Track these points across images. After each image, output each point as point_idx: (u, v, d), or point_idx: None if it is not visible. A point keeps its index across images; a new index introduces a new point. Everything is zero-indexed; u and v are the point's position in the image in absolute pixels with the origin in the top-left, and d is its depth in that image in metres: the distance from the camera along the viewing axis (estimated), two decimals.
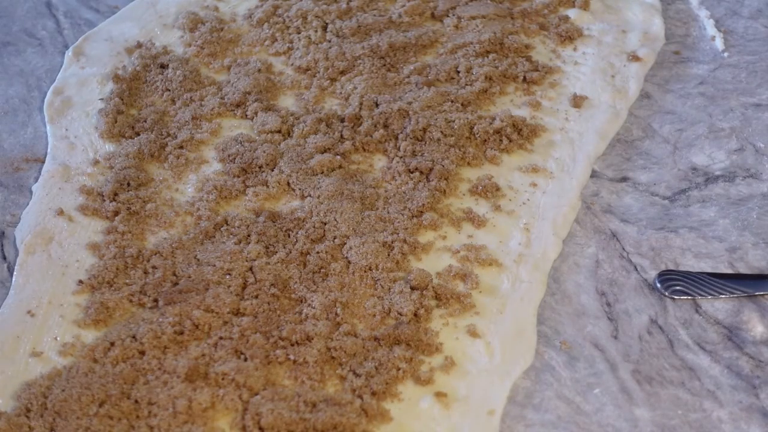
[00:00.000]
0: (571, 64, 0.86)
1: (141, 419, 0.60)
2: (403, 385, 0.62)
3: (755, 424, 0.61)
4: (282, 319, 0.65)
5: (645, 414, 0.62)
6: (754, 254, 0.71)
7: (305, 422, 0.59)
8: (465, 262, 0.70)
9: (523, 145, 0.78)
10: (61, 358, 0.64)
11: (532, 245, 0.71)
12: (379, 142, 0.78)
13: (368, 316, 0.66)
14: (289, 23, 0.89)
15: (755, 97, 0.84)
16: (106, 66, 0.87)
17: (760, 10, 0.93)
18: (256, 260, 0.69)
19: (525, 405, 0.62)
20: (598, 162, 0.78)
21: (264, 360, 0.63)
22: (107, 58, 0.88)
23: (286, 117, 0.80)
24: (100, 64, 0.87)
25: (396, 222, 0.72)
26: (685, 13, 0.92)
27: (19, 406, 0.61)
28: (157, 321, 0.65)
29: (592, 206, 0.75)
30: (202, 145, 0.79)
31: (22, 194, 0.76)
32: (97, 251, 0.70)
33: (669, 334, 0.66)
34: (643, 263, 0.71)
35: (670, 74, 0.86)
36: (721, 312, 0.68)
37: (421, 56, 0.87)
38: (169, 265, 0.69)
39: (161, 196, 0.75)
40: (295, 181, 0.75)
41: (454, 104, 0.81)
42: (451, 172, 0.76)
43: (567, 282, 0.70)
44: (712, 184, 0.77)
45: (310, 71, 0.85)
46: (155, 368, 0.62)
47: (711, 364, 0.65)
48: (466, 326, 0.66)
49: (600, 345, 0.66)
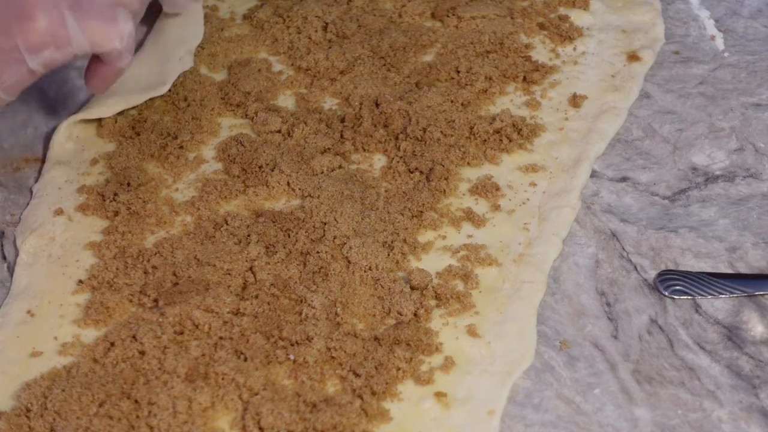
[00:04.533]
0: (571, 64, 0.86)
1: (141, 419, 0.60)
2: (403, 385, 0.62)
3: (755, 424, 0.61)
4: (282, 319, 0.65)
5: (645, 414, 0.62)
6: (754, 254, 0.71)
7: (305, 422, 0.59)
8: (465, 262, 0.70)
9: (523, 145, 0.78)
10: (61, 358, 0.64)
11: (531, 245, 0.71)
12: (379, 142, 0.78)
13: (368, 316, 0.66)
14: (289, 23, 0.89)
15: (755, 97, 0.84)
16: None
17: (760, 10, 0.93)
18: (256, 260, 0.69)
19: (525, 405, 0.62)
20: (598, 162, 0.78)
21: (264, 360, 0.63)
22: None
23: (287, 117, 0.80)
24: None
25: (396, 222, 0.72)
26: (685, 13, 0.92)
27: (19, 406, 0.61)
28: (157, 321, 0.65)
29: (592, 206, 0.75)
30: (202, 145, 0.79)
31: (22, 194, 0.76)
32: (97, 251, 0.71)
33: (669, 334, 0.66)
34: (643, 263, 0.71)
35: (670, 74, 0.86)
36: (721, 312, 0.68)
37: (421, 56, 0.87)
38: (169, 265, 0.69)
39: (161, 196, 0.75)
40: (295, 181, 0.75)
41: (454, 104, 0.81)
42: (451, 172, 0.76)
43: (567, 282, 0.70)
44: (712, 184, 0.77)
45: (310, 71, 0.85)
46: (155, 368, 0.62)
47: (711, 364, 0.65)
48: (466, 326, 0.66)
49: (600, 345, 0.66)
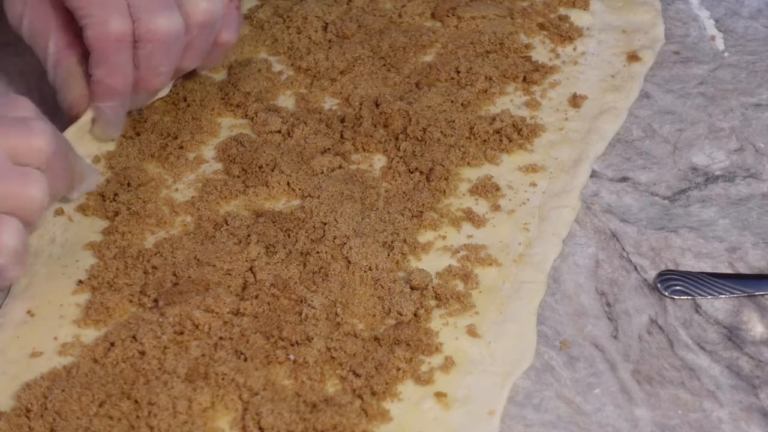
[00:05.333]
0: (570, 64, 0.86)
1: (141, 419, 0.60)
2: (403, 385, 0.62)
3: (755, 424, 0.61)
4: (282, 320, 0.65)
5: (645, 414, 0.62)
6: (754, 254, 0.71)
7: (305, 422, 0.59)
8: (465, 262, 0.70)
9: (523, 145, 0.78)
10: (61, 358, 0.64)
11: (531, 245, 0.71)
12: (379, 142, 0.78)
13: (368, 316, 0.66)
14: (289, 23, 0.89)
15: (755, 97, 0.84)
16: None
17: (760, 10, 0.93)
18: (256, 260, 0.69)
19: (525, 405, 0.62)
20: (598, 162, 0.78)
21: (264, 360, 0.63)
22: None
23: (287, 117, 0.80)
24: None
25: (396, 222, 0.72)
26: (685, 13, 0.92)
27: (19, 406, 0.61)
28: (157, 321, 0.65)
29: (592, 206, 0.75)
30: (202, 145, 0.79)
31: None
32: (97, 251, 0.71)
33: (669, 334, 0.66)
34: (643, 263, 0.71)
35: (670, 74, 0.86)
36: (721, 312, 0.68)
37: (421, 56, 0.87)
38: (169, 265, 0.69)
39: (161, 196, 0.75)
40: (295, 181, 0.75)
41: (454, 104, 0.81)
42: (451, 172, 0.76)
43: (567, 282, 0.70)
44: (712, 184, 0.77)
45: (310, 71, 0.85)
46: (155, 368, 0.62)
47: (711, 364, 0.65)
48: (466, 326, 0.66)
49: (600, 345, 0.66)
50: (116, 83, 0.72)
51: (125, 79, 0.72)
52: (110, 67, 0.71)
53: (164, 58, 0.72)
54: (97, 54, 0.71)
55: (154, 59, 0.72)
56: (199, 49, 0.75)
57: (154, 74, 0.73)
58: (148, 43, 0.71)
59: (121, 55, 0.71)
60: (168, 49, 0.72)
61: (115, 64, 0.71)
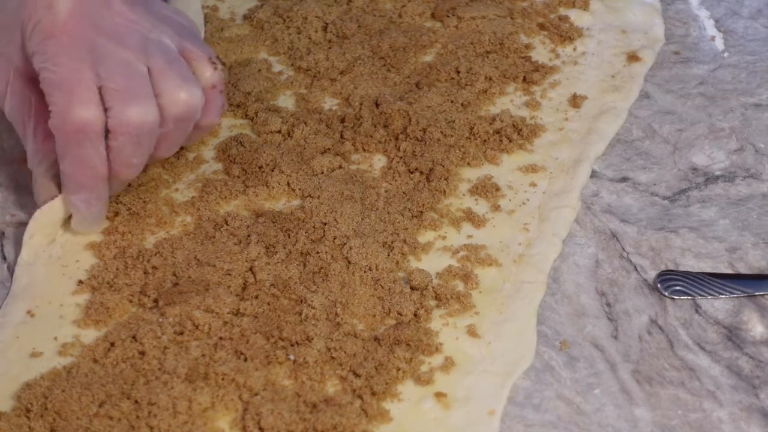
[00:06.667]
0: (570, 64, 0.86)
1: (141, 419, 0.60)
2: (403, 386, 0.62)
3: (755, 424, 0.61)
4: (282, 320, 0.65)
5: (645, 414, 0.62)
6: (754, 254, 0.71)
7: (305, 422, 0.59)
8: (465, 263, 0.70)
9: (523, 145, 0.78)
10: (61, 358, 0.64)
11: (531, 245, 0.71)
12: (379, 143, 0.78)
13: (368, 317, 0.66)
14: (289, 23, 0.89)
15: (755, 97, 0.84)
16: None
17: (760, 10, 0.93)
18: (256, 260, 0.69)
19: (525, 405, 0.62)
20: (598, 162, 0.78)
21: (264, 360, 0.63)
22: None
23: (287, 117, 0.80)
24: None
25: (396, 222, 0.72)
26: (685, 13, 0.92)
27: (19, 407, 0.61)
28: (157, 321, 0.65)
29: (592, 206, 0.75)
30: (201, 146, 0.79)
31: (22, 194, 0.76)
32: (97, 251, 0.71)
33: (669, 334, 0.66)
34: (643, 263, 0.71)
35: (670, 74, 0.86)
36: (721, 312, 0.68)
37: (421, 56, 0.87)
38: (169, 265, 0.69)
39: (161, 196, 0.75)
40: (295, 181, 0.75)
41: (454, 104, 0.81)
42: (451, 173, 0.76)
43: (567, 282, 0.70)
44: (712, 184, 0.77)
45: (310, 71, 0.85)
46: (155, 368, 0.62)
47: (711, 364, 0.65)
48: (466, 326, 0.66)
49: (600, 345, 0.66)
50: (82, 176, 0.67)
51: (93, 172, 0.67)
52: (74, 159, 0.66)
53: (136, 150, 0.67)
54: (60, 145, 0.66)
55: (125, 151, 0.67)
56: (175, 141, 0.71)
57: (125, 166, 0.68)
58: (120, 135, 0.66)
59: (84, 147, 0.66)
60: (140, 142, 0.67)
61: (79, 156, 0.66)
